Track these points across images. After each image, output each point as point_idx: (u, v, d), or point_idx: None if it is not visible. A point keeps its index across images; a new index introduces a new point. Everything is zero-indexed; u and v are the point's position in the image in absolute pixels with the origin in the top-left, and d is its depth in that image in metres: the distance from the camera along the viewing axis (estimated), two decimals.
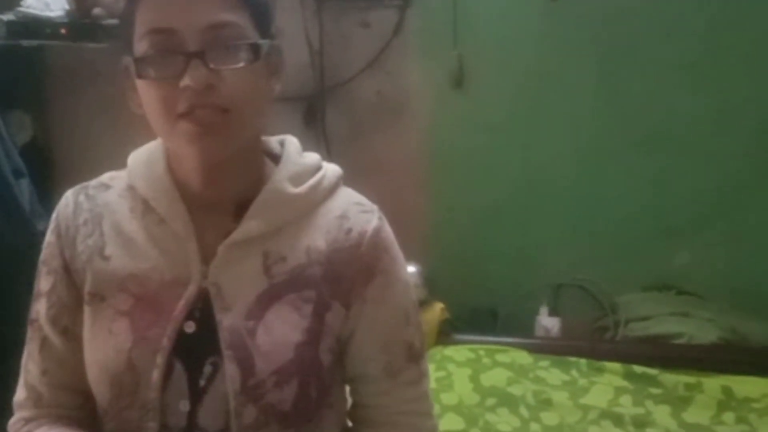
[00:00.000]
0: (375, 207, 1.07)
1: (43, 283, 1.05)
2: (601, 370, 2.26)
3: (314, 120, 2.73)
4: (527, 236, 2.77)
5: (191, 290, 0.97)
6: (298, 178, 1.03)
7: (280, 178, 1.02)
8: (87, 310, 1.01)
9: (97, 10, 2.28)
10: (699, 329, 2.43)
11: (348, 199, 1.07)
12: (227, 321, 0.96)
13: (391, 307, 1.06)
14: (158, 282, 0.98)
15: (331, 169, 1.08)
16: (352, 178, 1.09)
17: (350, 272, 1.02)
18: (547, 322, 2.67)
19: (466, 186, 2.76)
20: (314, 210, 1.03)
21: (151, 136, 1.03)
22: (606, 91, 2.64)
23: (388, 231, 1.07)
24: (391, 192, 1.10)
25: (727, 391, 2.14)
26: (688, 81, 2.57)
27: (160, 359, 0.95)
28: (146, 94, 0.93)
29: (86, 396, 1.02)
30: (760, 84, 2.53)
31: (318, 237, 1.02)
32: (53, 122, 2.72)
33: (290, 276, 0.99)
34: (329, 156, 1.16)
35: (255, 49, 0.93)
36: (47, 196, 2.50)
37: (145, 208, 1.02)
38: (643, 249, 2.70)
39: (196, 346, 0.97)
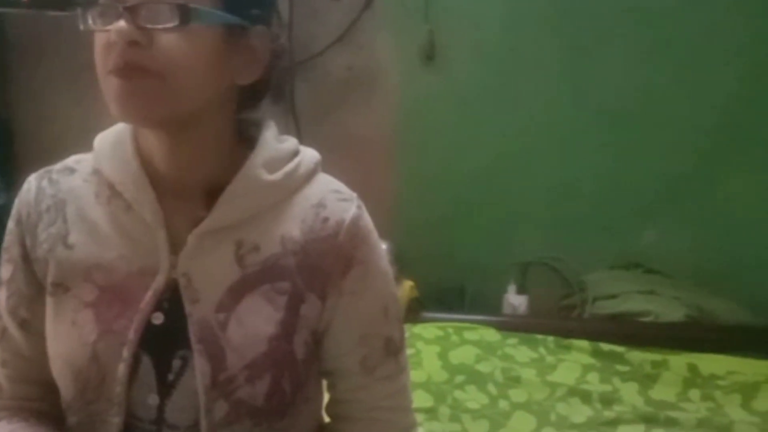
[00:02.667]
0: (354, 195, 1.02)
1: (3, 271, 1.00)
2: (568, 348, 2.27)
3: (283, 95, 2.69)
4: (496, 214, 2.77)
5: (159, 281, 0.93)
6: (274, 165, 0.98)
7: (255, 164, 0.96)
8: (50, 302, 0.96)
9: None
10: (665, 307, 2.45)
11: (326, 186, 1.02)
12: (197, 313, 0.93)
13: (369, 300, 1.01)
14: (125, 272, 0.94)
15: (309, 155, 1.03)
16: (321, 154, 1.05)
17: (326, 263, 0.97)
18: (515, 300, 2.67)
19: (435, 163, 2.74)
20: (290, 198, 0.98)
21: None
22: (576, 68, 2.63)
23: (367, 220, 1.02)
24: (361, 168, 1.07)
25: (692, 368, 2.16)
26: (657, 58, 2.58)
27: (126, 352, 0.91)
28: (93, 49, 0.89)
29: (48, 388, 0.99)
30: (727, 62, 2.54)
31: (293, 226, 0.97)
32: (14, 94, 2.65)
33: (263, 266, 0.95)
34: (298, 132, 1.14)
35: (184, 11, 0.85)
36: (8, 171, 2.45)
37: (112, 193, 0.96)
38: (611, 227, 2.72)
39: (165, 339, 0.93)
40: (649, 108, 2.61)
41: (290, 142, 1.03)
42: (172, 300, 0.94)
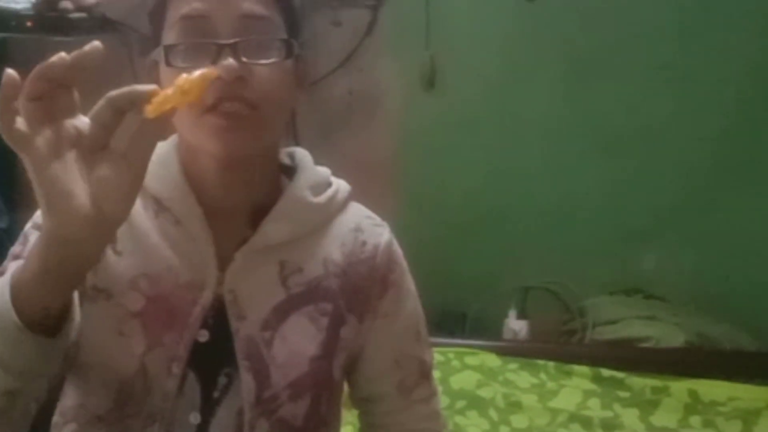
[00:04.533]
0: (385, 222, 1.07)
1: (32, 245, 0.94)
2: (569, 374, 2.26)
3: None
4: (496, 239, 2.77)
5: (207, 296, 0.94)
6: (317, 188, 1.01)
7: (300, 186, 1.00)
8: (87, 307, 0.92)
9: (64, 3, 2.24)
10: (666, 333, 2.44)
11: (360, 213, 1.07)
12: (243, 330, 0.93)
13: (403, 322, 1.05)
14: (173, 284, 0.94)
15: (343, 184, 1.07)
16: None
17: (366, 285, 1.01)
18: (516, 325, 2.66)
19: (436, 187, 2.75)
20: (329, 222, 1.02)
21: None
22: (575, 94, 2.65)
23: (398, 245, 1.07)
24: (362, 192, 1.08)
25: (693, 394, 2.15)
26: (655, 84, 2.60)
27: (176, 369, 0.91)
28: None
29: None
30: (725, 87, 2.55)
31: (334, 249, 1.01)
32: None
33: (307, 288, 0.97)
34: None
35: (288, 46, 0.91)
36: (10, 195, 2.45)
37: (159, 207, 0.97)
38: (611, 252, 2.72)
39: (210, 356, 0.93)
40: (648, 132, 2.62)
41: (325, 170, 1.06)
42: (216, 317, 0.94)
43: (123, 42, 2.46)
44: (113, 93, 0.70)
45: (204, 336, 0.93)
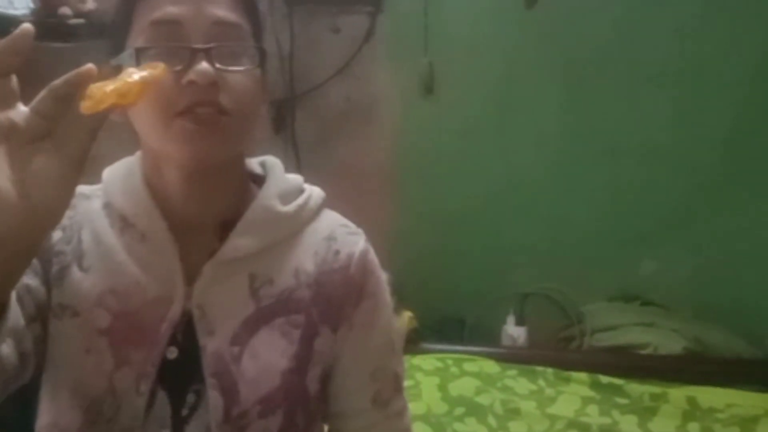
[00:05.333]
0: (360, 230, 1.04)
1: None
2: (567, 380, 2.26)
3: (283, 125, 2.71)
4: (494, 245, 2.77)
5: (174, 311, 0.91)
6: (286, 197, 0.99)
7: (269, 195, 0.98)
8: (54, 324, 0.92)
9: (63, 9, 2.24)
10: (664, 339, 2.45)
11: (333, 220, 1.03)
12: (211, 346, 0.91)
13: (379, 333, 1.02)
14: (140, 300, 0.92)
15: (316, 191, 1.04)
16: (321, 184, 1.07)
17: (339, 294, 0.98)
18: (514, 331, 2.67)
19: (434, 194, 2.75)
20: (301, 230, 0.99)
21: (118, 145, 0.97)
22: (574, 101, 2.65)
23: (374, 254, 1.03)
24: (360, 199, 1.08)
25: (692, 401, 2.15)
26: (654, 91, 2.60)
27: (144, 386, 0.89)
28: None
29: None
30: (724, 94, 2.56)
31: (306, 258, 0.98)
32: None
33: (278, 299, 0.95)
34: (298, 161, 1.14)
35: (260, 53, 0.91)
36: None
37: (124, 224, 0.95)
38: (609, 259, 2.72)
39: (179, 373, 0.91)
40: (647, 140, 2.63)
41: (296, 177, 1.04)
42: (185, 333, 0.92)
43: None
44: (54, 82, 0.69)
45: (173, 353, 0.91)
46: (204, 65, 0.84)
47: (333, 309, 0.97)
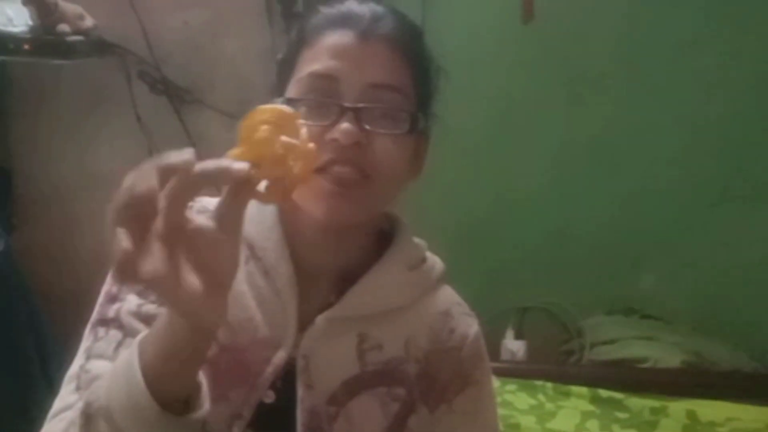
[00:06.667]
0: (473, 312, 1.02)
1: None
2: (567, 394, 2.26)
3: None
4: (493, 259, 2.77)
5: (281, 356, 0.89)
6: (413, 263, 0.97)
7: (395, 259, 0.96)
8: None
9: (61, 26, 2.25)
10: (664, 353, 2.44)
11: (450, 296, 1.02)
12: (309, 400, 0.88)
13: (480, 425, 0.98)
14: (249, 337, 0.89)
15: (438, 262, 1.03)
16: None
17: (446, 376, 0.95)
18: (513, 346, 2.66)
19: (433, 209, 2.74)
20: (418, 301, 0.96)
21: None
22: (572, 114, 2.65)
23: (483, 340, 1.01)
24: None
25: (691, 415, 2.14)
26: (654, 105, 2.60)
27: (236, 429, 0.86)
28: None
29: None
30: (724, 108, 2.56)
31: (420, 331, 0.95)
32: (14, 139, 2.66)
33: (384, 367, 0.92)
34: None
35: (413, 120, 0.88)
36: (7, 217, 2.45)
37: (251, 254, 0.92)
38: (609, 272, 2.71)
39: (271, 420, 0.88)
40: (645, 154, 2.63)
41: (422, 243, 1.03)
42: (285, 380, 0.89)
43: (120, 65, 2.47)
44: (205, 168, 0.62)
45: (270, 397, 0.89)
46: (349, 124, 0.83)
47: (436, 389, 0.95)
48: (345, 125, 0.83)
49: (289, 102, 0.84)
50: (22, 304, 2.17)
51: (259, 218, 0.94)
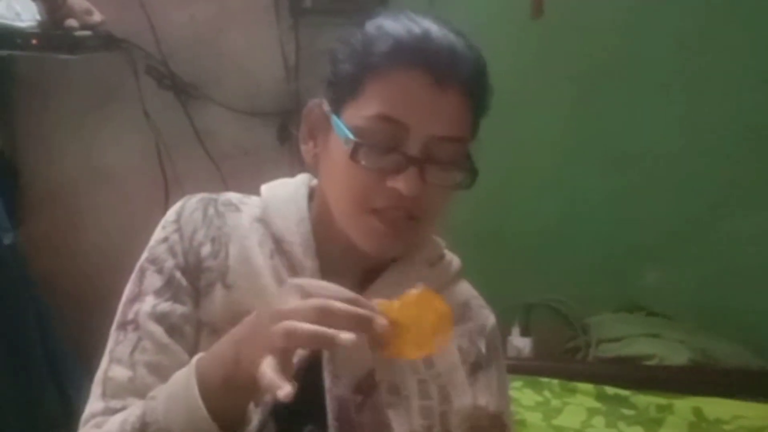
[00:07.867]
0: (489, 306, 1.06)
1: (149, 282, 0.94)
2: (573, 391, 2.25)
3: (288, 136, 2.71)
4: (499, 256, 2.76)
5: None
6: (432, 259, 1.02)
7: (416, 256, 1.00)
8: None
9: (69, 21, 2.25)
10: (670, 350, 2.44)
11: (468, 290, 1.07)
12: (336, 390, 0.90)
13: (492, 398, 1.01)
14: None
15: (456, 259, 1.07)
16: None
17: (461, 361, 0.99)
18: (519, 342, 2.65)
19: None
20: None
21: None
22: (580, 111, 2.64)
23: (499, 332, 1.07)
24: None
25: (698, 412, 2.14)
26: (662, 101, 2.59)
27: (255, 417, 0.87)
28: (345, 173, 0.88)
29: None
30: (729, 104, 2.55)
31: None
32: (21, 134, 2.67)
33: None
34: (303, 172, 1.14)
35: (473, 175, 0.92)
36: (14, 212, 2.45)
37: (277, 248, 0.95)
38: (615, 270, 2.71)
39: (294, 410, 0.88)
40: (652, 150, 2.62)
41: (440, 241, 1.06)
42: (309, 371, 0.90)
43: (128, 60, 2.47)
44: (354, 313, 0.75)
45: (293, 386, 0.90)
46: (415, 179, 0.85)
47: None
48: (412, 179, 0.85)
49: (357, 145, 0.86)
50: (29, 297, 2.18)
51: (287, 213, 0.96)
